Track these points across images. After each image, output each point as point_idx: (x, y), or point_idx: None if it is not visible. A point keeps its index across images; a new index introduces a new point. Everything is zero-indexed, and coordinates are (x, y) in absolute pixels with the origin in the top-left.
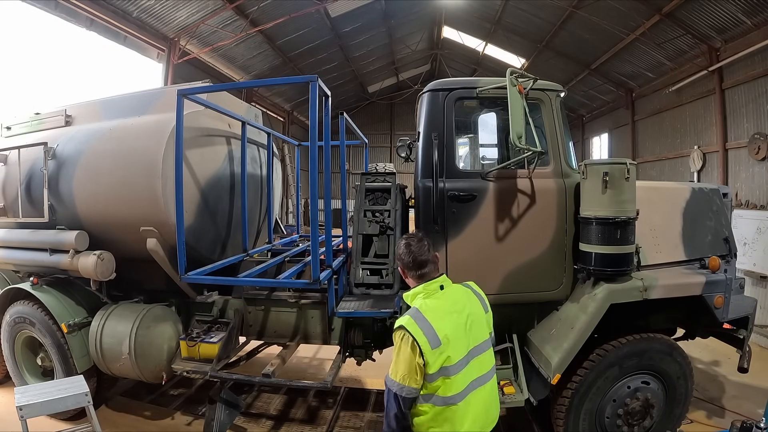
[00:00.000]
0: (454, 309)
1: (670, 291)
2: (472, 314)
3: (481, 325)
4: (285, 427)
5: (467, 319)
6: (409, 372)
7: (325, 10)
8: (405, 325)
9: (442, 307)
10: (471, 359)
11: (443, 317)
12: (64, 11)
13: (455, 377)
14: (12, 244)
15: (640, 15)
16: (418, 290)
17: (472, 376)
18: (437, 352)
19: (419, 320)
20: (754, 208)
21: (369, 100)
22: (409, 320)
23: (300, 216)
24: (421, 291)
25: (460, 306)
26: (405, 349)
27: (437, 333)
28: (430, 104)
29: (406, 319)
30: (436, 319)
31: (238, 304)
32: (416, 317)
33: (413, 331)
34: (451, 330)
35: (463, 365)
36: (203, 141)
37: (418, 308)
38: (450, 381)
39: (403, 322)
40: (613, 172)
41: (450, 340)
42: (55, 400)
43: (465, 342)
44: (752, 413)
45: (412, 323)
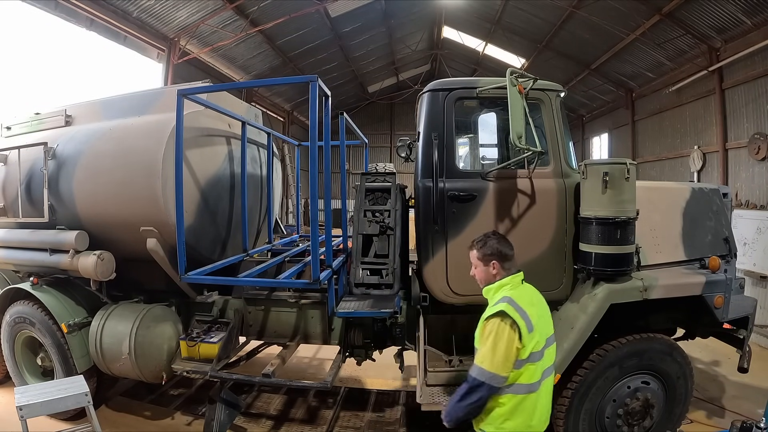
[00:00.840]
0: (533, 301)
1: (670, 291)
2: (543, 310)
3: (549, 319)
4: (285, 427)
5: (543, 311)
6: (505, 359)
7: (325, 10)
8: (505, 310)
9: (526, 297)
10: (546, 348)
11: (530, 307)
12: (64, 11)
13: (538, 364)
14: (12, 244)
15: (640, 15)
16: (505, 282)
17: (546, 364)
18: (531, 337)
19: (515, 306)
20: (754, 208)
21: (369, 100)
22: (507, 306)
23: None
24: (508, 282)
25: (537, 299)
26: (504, 334)
27: (530, 318)
28: (430, 104)
29: (504, 305)
30: (527, 307)
31: (238, 304)
32: (512, 303)
33: (513, 315)
34: (537, 318)
35: (543, 353)
36: (203, 141)
37: (511, 297)
38: (534, 367)
39: (502, 308)
40: (613, 172)
41: (538, 327)
42: (55, 400)
43: (545, 330)
44: (752, 413)
45: (511, 308)
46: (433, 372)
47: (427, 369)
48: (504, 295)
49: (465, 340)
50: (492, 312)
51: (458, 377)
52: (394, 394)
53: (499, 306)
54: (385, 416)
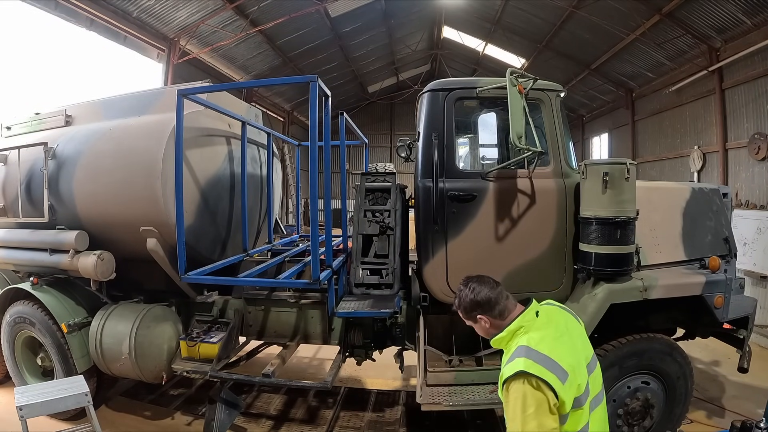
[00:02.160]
0: (559, 332)
1: (670, 291)
2: (575, 331)
3: (585, 339)
4: (285, 427)
5: (574, 338)
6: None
7: (325, 10)
8: (525, 369)
9: (549, 335)
10: (589, 376)
11: (556, 346)
12: (64, 11)
13: (584, 405)
14: (12, 244)
15: (640, 15)
16: (513, 327)
17: (592, 396)
18: (568, 385)
19: (536, 357)
20: (754, 208)
21: (369, 100)
22: (526, 362)
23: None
24: (516, 327)
25: (563, 327)
26: (533, 399)
27: (561, 364)
28: (430, 104)
29: (522, 361)
30: (552, 350)
31: (238, 304)
32: (531, 355)
33: (537, 372)
34: (569, 355)
35: (588, 388)
36: (203, 141)
37: (528, 345)
38: (581, 411)
39: (521, 367)
40: (613, 172)
41: (574, 367)
42: (55, 400)
43: (584, 363)
44: (752, 413)
45: (531, 364)
46: (433, 372)
47: (427, 369)
48: (519, 345)
49: (465, 340)
50: (510, 374)
51: (458, 377)
52: (394, 394)
53: (516, 364)
54: (385, 416)
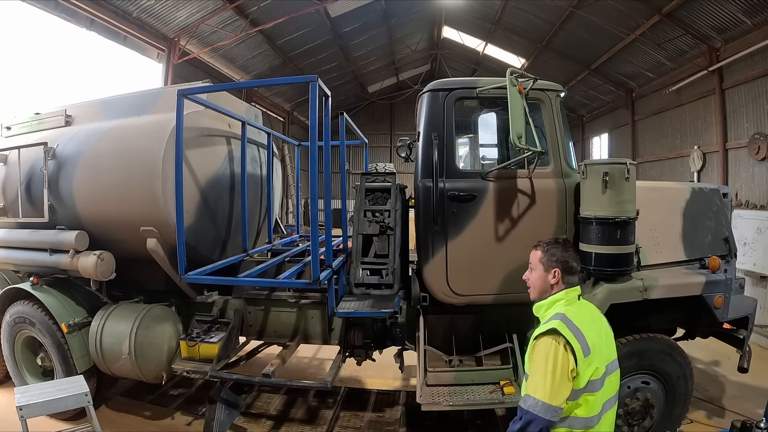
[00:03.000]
0: (593, 319)
1: (670, 291)
2: (604, 328)
3: (612, 341)
4: (285, 427)
5: (602, 332)
6: (560, 386)
7: (325, 10)
8: (557, 328)
9: (584, 315)
10: (607, 376)
11: (588, 325)
12: (64, 11)
13: (597, 394)
14: (12, 244)
15: (640, 15)
16: (558, 297)
17: (607, 396)
18: (588, 362)
19: (570, 325)
20: (754, 208)
21: (369, 100)
22: (560, 324)
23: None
24: (562, 298)
25: (597, 317)
26: (557, 356)
27: (587, 340)
28: (430, 104)
29: (556, 322)
30: (584, 326)
31: (238, 304)
32: (566, 321)
33: (567, 334)
34: (596, 339)
35: (603, 382)
36: (203, 141)
37: (565, 314)
38: (593, 398)
39: (554, 325)
40: (613, 172)
41: (596, 349)
42: (55, 400)
43: (606, 354)
44: (752, 413)
45: (564, 327)
46: (433, 372)
47: (427, 369)
48: (557, 312)
49: (465, 340)
50: (543, 330)
51: (458, 377)
52: (394, 394)
53: (550, 323)
54: (385, 416)
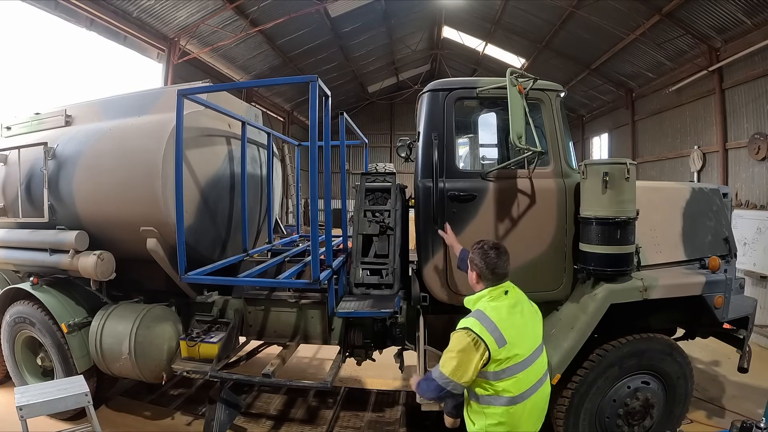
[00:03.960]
0: (516, 311)
1: (670, 291)
2: (530, 317)
3: (537, 328)
4: (285, 427)
5: (527, 321)
6: (462, 371)
7: (325, 10)
8: (470, 327)
9: (504, 309)
10: (534, 360)
11: (506, 318)
12: (64, 11)
13: (522, 376)
14: (12, 244)
15: (640, 15)
16: (483, 294)
17: (535, 376)
18: (504, 351)
19: (484, 320)
20: (754, 208)
21: (369, 100)
22: (474, 321)
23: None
24: (485, 294)
25: (520, 308)
26: (466, 347)
27: (502, 333)
28: (430, 104)
29: (471, 320)
30: (500, 320)
31: (238, 304)
32: (480, 318)
33: (479, 331)
34: (515, 330)
35: (529, 364)
36: (203, 141)
37: (482, 310)
38: (518, 379)
39: (468, 324)
40: (613, 172)
41: (515, 339)
42: (55, 400)
43: (528, 344)
44: (752, 413)
45: (477, 323)
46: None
47: (427, 369)
48: (478, 308)
49: None
50: (461, 325)
51: None
52: (394, 394)
53: (467, 321)
54: (385, 416)
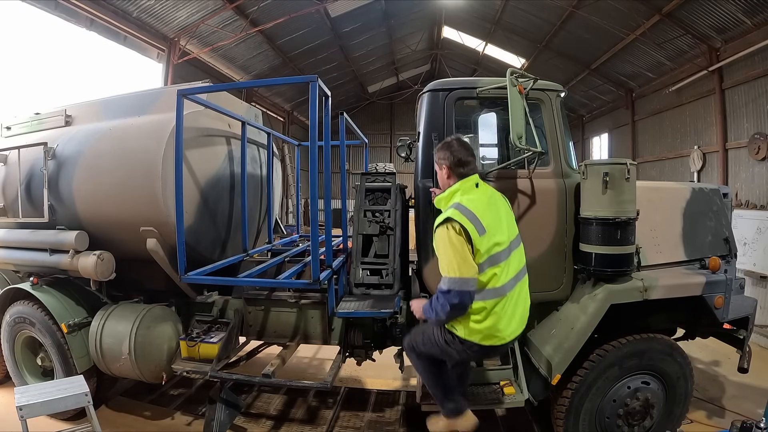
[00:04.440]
0: (490, 202)
1: (670, 291)
2: (505, 209)
3: (512, 221)
4: (285, 427)
5: (503, 213)
6: (465, 260)
7: (325, 10)
8: (451, 216)
9: (480, 200)
10: (513, 250)
11: (483, 209)
12: (64, 11)
13: (503, 266)
14: (12, 244)
15: (640, 15)
16: (455, 188)
17: (515, 267)
18: (485, 239)
19: (463, 211)
20: (754, 208)
21: (369, 100)
22: (454, 211)
23: (300, 216)
24: (458, 188)
25: (495, 200)
26: (454, 237)
27: (482, 222)
28: (430, 104)
29: (450, 210)
30: (478, 210)
31: (238, 304)
32: (459, 208)
33: (460, 219)
34: (492, 220)
35: (508, 255)
36: (203, 141)
37: (459, 202)
38: (497, 270)
39: (448, 214)
40: (613, 173)
41: (493, 228)
42: (55, 400)
43: (506, 233)
44: (752, 413)
45: (457, 213)
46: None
47: None
48: (454, 202)
49: None
50: (440, 220)
51: None
52: (394, 394)
53: (446, 213)
54: (385, 416)
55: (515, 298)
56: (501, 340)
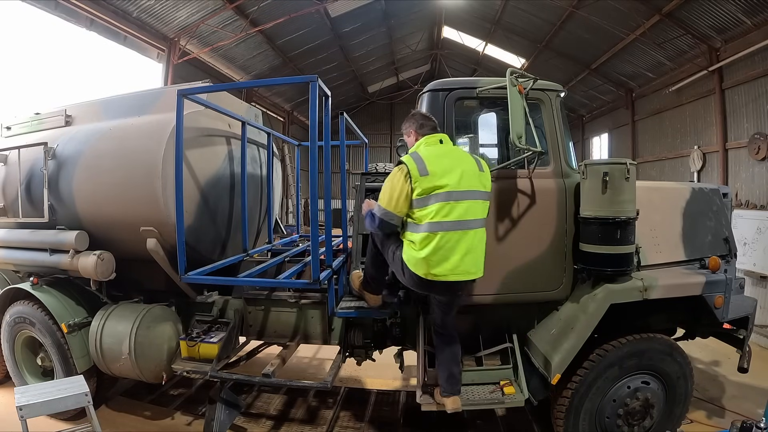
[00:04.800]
0: (448, 155)
1: (670, 291)
2: (465, 165)
3: (473, 177)
4: (285, 427)
5: (460, 167)
6: (395, 200)
7: (325, 10)
8: (404, 161)
9: (435, 151)
10: (465, 199)
11: (435, 157)
12: (64, 11)
13: (448, 206)
14: (12, 244)
15: (640, 15)
16: (420, 142)
17: (467, 215)
18: (426, 180)
19: (415, 157)
20: (754, 208)
21: (369, 100)
22: (407, 157)
23: (300, 216)
24: (422, 142)
25: (454, 155)
26: (397, 178)
27: (427, 166)
28: (430, 104)
29: (405, 157)
30: (428, 157)
31: (238, 304)
32: (413, 155)
33: (408, 162)
34: (441, 167)
35: (455, 198)
36: (203, 141)
37: (416, 151)
38: (449, 207)
39: (404, 159)
40: (613, 172)
41: (440, 174)
42: (55, 400)
43: (455, 181)
44: (752, 413)
45: (409, 159)
46: (433, 372)
47: (427, 369)
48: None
49: (465, 341)
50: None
51: None
52: (394, 394)
53: (402, 159)
54: (385, 416)
55: (459, 241)
56: (435, 276)
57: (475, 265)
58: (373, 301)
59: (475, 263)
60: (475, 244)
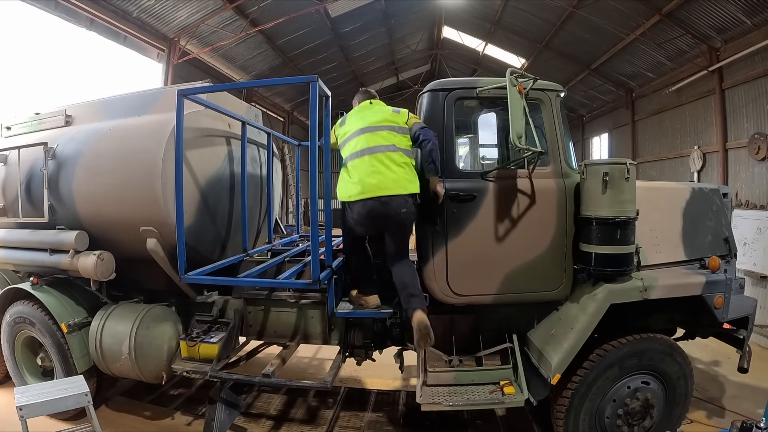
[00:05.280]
0: (364, 110)
1: (670, 291)
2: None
3: (376, 115)
4: (285, 427)
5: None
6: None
7: (325, 10)
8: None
9: (356, 110)
10: (363, 134)
11: (354, 114)
12: (64, 11)
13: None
14: (12, 244)
15: (640, 15)
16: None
17: (363, 145)
18: (341, 129)
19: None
20: (754, 208)
21: None
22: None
23: (300, 216)
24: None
25: (370, 108)
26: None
27: (347, 120)
28: (429, 104)
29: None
30: (350, 115)
31: (238, 304)
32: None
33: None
34: (353, 118)
35: (357, 135)
36: (203, 141)
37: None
38: (349, 145)
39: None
40: (613, 172)
41: (350, 125)
42: (55, 400)
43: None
44: (752, 413)
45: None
46: (433, 372)
47: (427, 369)
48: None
49: (465, 341)
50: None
51: (458, 377)
52: (394, 394)
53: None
54: (385, 416)
55: (367, 165)
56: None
57: (382, 184)
58: (372, 303)
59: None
60: (382, 169)
